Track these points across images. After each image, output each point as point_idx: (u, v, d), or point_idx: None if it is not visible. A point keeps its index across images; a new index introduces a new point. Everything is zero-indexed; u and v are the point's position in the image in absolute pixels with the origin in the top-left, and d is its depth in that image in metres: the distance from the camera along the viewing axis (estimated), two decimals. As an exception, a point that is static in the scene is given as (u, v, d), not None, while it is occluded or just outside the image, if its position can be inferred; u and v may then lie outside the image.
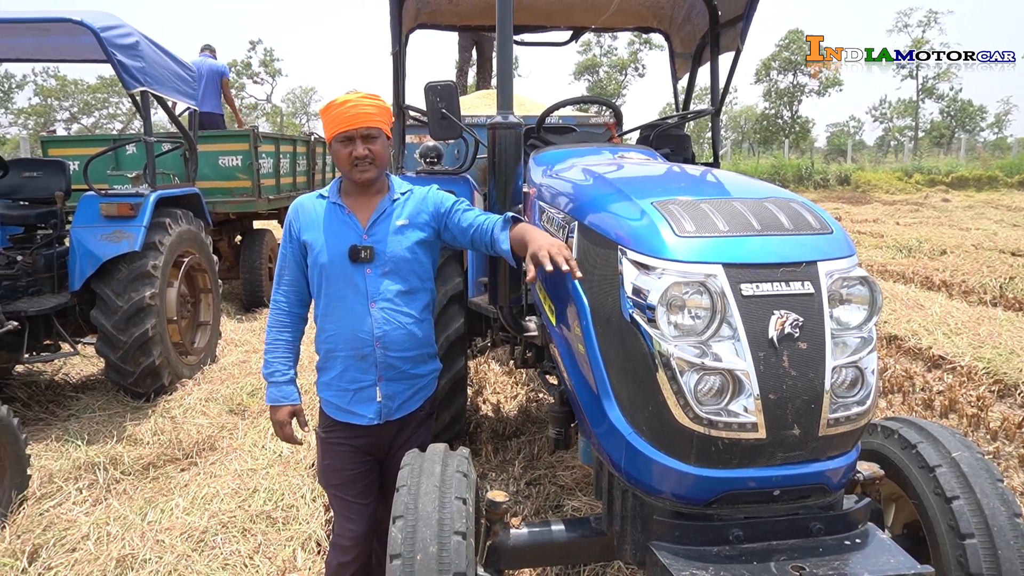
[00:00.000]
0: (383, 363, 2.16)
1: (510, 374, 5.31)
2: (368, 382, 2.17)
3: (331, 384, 2.21)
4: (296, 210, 2.22)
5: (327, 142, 2.17)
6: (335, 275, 2.13)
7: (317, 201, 2.22)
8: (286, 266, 2.22)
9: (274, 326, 2.23)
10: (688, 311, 1.61)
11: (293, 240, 2.20)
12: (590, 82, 40.54)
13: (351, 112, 2.08)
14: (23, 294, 4.69)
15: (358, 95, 2.11)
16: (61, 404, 4.92)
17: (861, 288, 1.67)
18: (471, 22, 4.49)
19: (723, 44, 3.84)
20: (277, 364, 2.20)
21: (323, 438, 2.27)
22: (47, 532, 3.16)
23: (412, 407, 2.27)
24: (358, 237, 2.14)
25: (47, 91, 37.41)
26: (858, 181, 23.08)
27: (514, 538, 2.02)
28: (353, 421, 2.20)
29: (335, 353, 2.18)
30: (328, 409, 2.25)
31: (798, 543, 1.66)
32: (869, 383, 1.66)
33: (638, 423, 1.73)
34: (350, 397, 2.19)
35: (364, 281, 2.13)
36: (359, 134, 2.09)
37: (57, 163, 5.29)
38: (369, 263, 2.12)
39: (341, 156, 2.12)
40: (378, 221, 2.17)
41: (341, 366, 2.17)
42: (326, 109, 2.12)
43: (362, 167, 2.11)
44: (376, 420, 2.19)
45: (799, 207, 1.81)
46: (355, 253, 2.11)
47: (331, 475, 2.26)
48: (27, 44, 5.13)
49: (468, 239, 2.24)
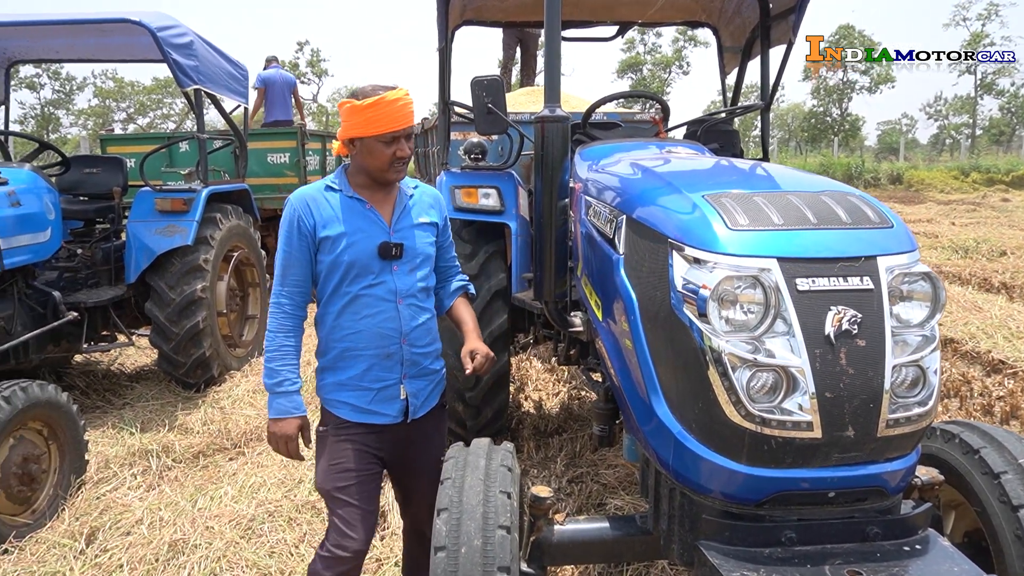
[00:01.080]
0: (408, 360, 2.10)
1: (552, 371, 5.29)
2: (392, 380, 2.10)
3: (348, 384, 2.09)
4: (305, 204, 2.05)
5: (355, 138, 2.00)
6: (363, 272, 2.03)
7: (327, 194, 2.08)
8: (292, 264, 2.05)
9: (278, 331, 2.06)
10: (741, 306, 1.58)
11: (304, 236, 2.03)
12: (633, 80, 40.18)
13: (405, 111, 1.98)
14: (82, 286, 4.86)
15: (404, 91, 2.01)
16: (117, 393, 5.09)
17: (923, 284, 1.61)
18: (517, 18, 4.48)
19: (774, 37, 3.75)
20: (285, 372, 2.05)
21: (331, 437, 2.11)
22: (103, 515, 3.26)
23: (432, 403, 2.21)
24: (386, 233, 2.07)
25: (105, 92, 38.78)
26: (911, 180, 22.37)
27: (558, 534, 2.00)
28: (374, 421, 2.10)
29: (356, 352, 2.07)
30: (341, 411, 2.10)
31: (854, 547, 1.61)
32: (931, 383, 1.60)
33: (687, 420, 1.70)
34: (372, 396, 2.09)
35: (392, 278, 2.06)
36: (405, 133, 2.01)
37: (115, 160, 5.46)
38: (398, 260, 2.07)
39: (383, 156, 1.99)
40: (401, 217, 2.11)
41: (364, 364, 2.07)
42: (368, 108, 1.94)
43: (399, 167, 2.04)
44: (399, 418, 2.11)
45: (857, 200, 1.75)
46: (386, 250, 2.04)
47: (338, 477, 2.08)
48: (88, 45, 5.32)
49: (435, 267, 2.25)
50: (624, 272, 1.99)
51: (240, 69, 5.84)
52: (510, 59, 8.84)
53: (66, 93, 38.50)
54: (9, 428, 3.06)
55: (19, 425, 3.15)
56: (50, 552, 2.98)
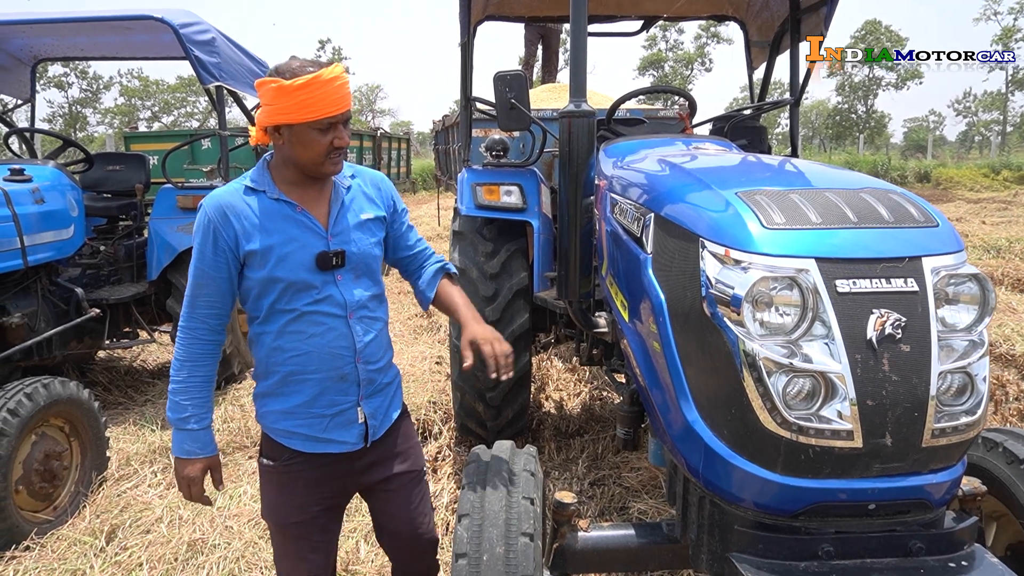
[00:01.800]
0: (364, 379, 1.81)
1: (573, 371, 5.23)
2: (348, 403, 1.80)
3: (296, 412, 1.78)
4: (222, 212, 1.69)
5: (282, 125, 1.66)
6: (301, 287, 1.72)
7: (248, 198, 1.73)
8: (205, 284, 1.72)
9: (187, 360, 1.74)
10: (777, 308, 1.51)
11: (222, 251, 1.69)
12: (655, 77, 39.91)
13: (342, 91, 1.66)
14: (105, 283, 4.89)
15: (341, 67, 1.68)
16: (138, 389, 5.11)
17: (971, 286, 1.53)
18: (540, 13, 4.42)
19: (804, 30, 3.65)
20: (191, 407, 1.73)
21: (277, 470, 1.83)
22: (124, 513, 3.26)
23: (392, 417, 1.92)
24: (323, 241, 1.74)
25: (131, 91, 39.33)
26: (939, 178, 21.94)
27: (582, 541, 1.95)
28: (329, 450, 1.80)
29: (303, 375, 1.76)
30: (291, 441, 1.80)
31: (895, 562, 1.53)
32: (980, 391, 1.52)
33: (719, 426, 1.63)
34: (326, 423, 1.79)
35: (338, 290, 1.75)
36: (343, 118, 1.70)
37: (138, 157, 5.49)
38: (340, 269, 1.75)
39: (317, 146, 1.67)
40: (339, 217, 1.78)
41: (314, 389, 1.76)
42: (300, 89, 1.60)
43: (335, 158, 1.72)
44: (359, 444, 1.83)
45: (899, 198, 1.67)
46: (325, 261, 1.72)
47: (288, 512, 1.83)
48: (112, 42, 5.34)
49: (397, 257, 1.99)
50: (652, 272, 1.93)
51: (262, 66, 5.83)
52: (532, 56, 8.77)
53: (93, 92, 39.10)
54: (31, 425, 3.06)
55: (41, 422, 3.16)
56: (71, 549, 2.98)
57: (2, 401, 2.96)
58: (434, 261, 2.04)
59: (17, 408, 2.97)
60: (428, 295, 1.99)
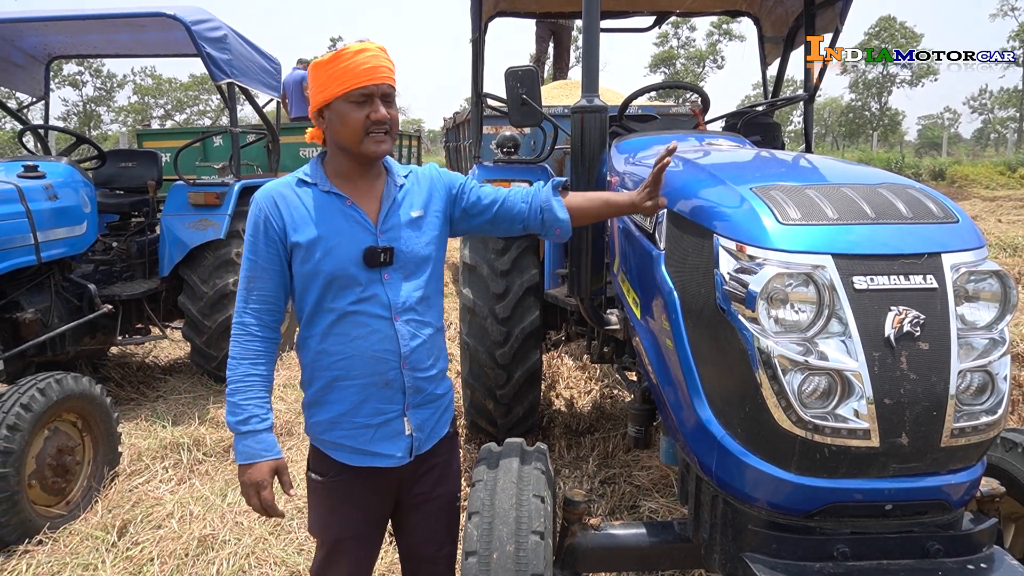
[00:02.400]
0: (411, 387, 1.72)
1: (584, 369, 5.21)
2: (394, 413, 1.72)
3: (341, 421, 1.71)
4: (273, 202, 1.67)
5: (321, 105, 1.66)
6: (347, 284, 1.66)
7: (300, 190, 1.70)
8: (257, 276, 1.68)
9: (244, 357, 1.68)
10: (792, 305, 1.48)
11: (272, 242, 1.66)
12: (666, 74, 39.75)
13: (371, 63, 1.61)
14: (117, 279, 4.91)
15: (376, 45, 1.66)
16: (150, 385, 5.14)
17: (992, 283, 1.50)
18: (551, 8, 4.40)
19: (819, 25, 3.61)
20: (252, 407, 1.66)
21: (324, 485, 1.78)
22: (135, 508, 3.27)
23: (439, 434, 1.83)
24: (372, 236, 1.68)
25: (144, 89, 39.61)
26: (954, 176, 21.70)
27: (592, 540, 1.93)
28: (376, 464, 1.72)
29: (346, 382, 1.69)
30: (337, 454, 1.74)
31: (913, 564, 1.50)
32: (1000, 390, 1.49)
33: (732, 424, 1.61)
34: (371, 434, 1.71)
35: (384, 290, 1.68)
36: (380, 92, 1.63)
37: (150, 154, 5.51)
38: (388, 267, 1.69)
39: (354, 121, 1.62)
40: (390, 214, 1.72)
41: (357, 397, 1.69)
42: (329, 62, 1.62)
43: (378, 136, 1.64)
44: (406, 458, 1.74)
45: (918, 194, 1.64)
46: (373, 256, 1.66)
47: (337, 529, 1.78)
48: (124, 40, 5.36)
49: (490, 217, 1.87)
50: (665, 268, 1.91)
51: (273, 63, 5.85)
52: (543, 52, 8.74)
53: (107, 90, 39.40)
54: (44, 420, 3.08)
55: (54, 417, 3.17)
56: (83, 544, 3.00)
57: (15, 396, 2.98)
58: (535, 191, 1.91)
59: (30, 403, 2.99)
60: (561, 215, 1.88)
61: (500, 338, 3.39)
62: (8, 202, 3.85)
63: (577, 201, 1.92)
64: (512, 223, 1.91)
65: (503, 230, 1.94)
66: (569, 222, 1.89)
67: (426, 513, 1.84)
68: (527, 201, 1.89)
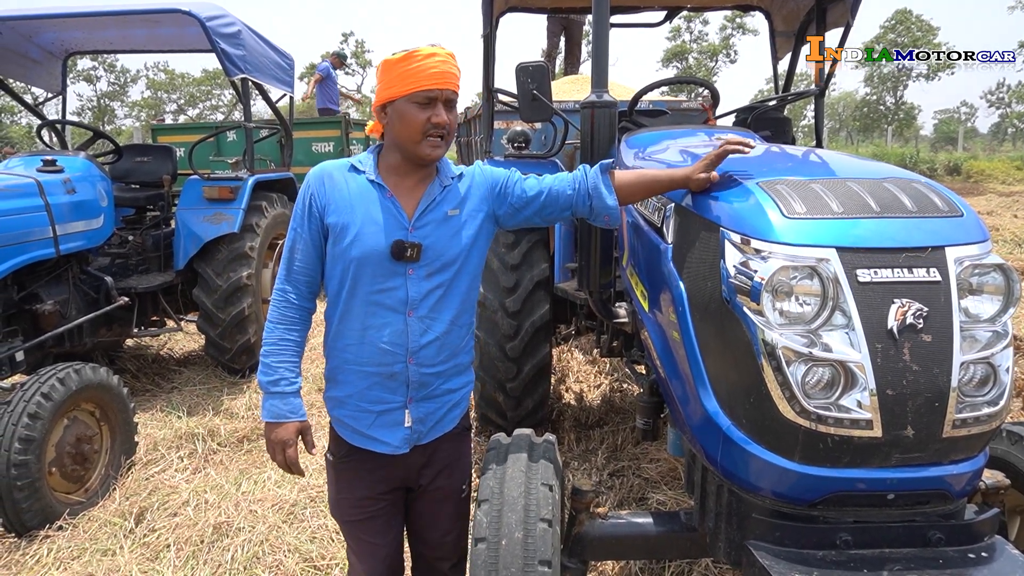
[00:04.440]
0: (416, 381, 1.76)
1: (593, 363, 5.24)
2: (396, 403, 1.77)
3: (346, 401, 1.79)
4: (321, 180, 1.75)
5: (386, 102, 1.71)
6: (370, 273, 1.70)
7: (349, 175, 1.76)
8: (299, 248, 1.76)
9: (279, 322, 1.76)
10: (796, 298, 1.51)
11: (314, 217, 1.74)
12: (679, 69, 39.51)
13: (440, 68, 1.65)
14: (133, 272, 4.99)
15: (446, 51, 1.70)
16: (165, 377, 5.22)
17: (995, 276, 1.52)
18: (562, 4, 4.41)
19: (830, 20, 3.61)
20: (283, 370, 1.75)
21: (335, 466, 1.88)
22: (152, 496, 3.34)
23: (446, 427, 1.86)
24: (403, 230, 1.71)
25: (157, 84, 39.82)
26: (970, 171, 21.48)
27: (600, 528, 1.96)
28: (374, 448, 1.79)
29: (355, 366, 1.76)
30: (342, 430, 1.83)
31: (914, 552, 1.52)
32: (1002, 382, 1.50)
33: (737, 415, 1.64)
34: (372, 420, 1.77)
35: (405, 284, 1.71)
36: (444, 96, 1.68)
37: (165, 149, 5.58)
38: (414, 263, 1.71)
39: (414, 122, 1.66)
40: (427, 211, 1.74)
41: (363, 383, 1.76)
42: (399, 61, 1.65)
43: (435, 140, 1.69)
44: (403, 448, 1.79)
45: (923, 188, 1.65)
46: (399, 250, 1.68)
47: (344, 510, 1.87)
48: (140, 36, 5.42)
49: (537, 208, 1.86)
50: (672, 262, 1.93)
51: (286, 59, 5.90)
52: (554, 47, 8.75)
53: (121, 85, 39.64)
54: (63, 409, 3.15)
55: (73, 406, 3.24)
56: (101, 530, 3.06)
57: (36, 385, 3.05)
58: (583, 176, 1.89)
59: (51, 392, 3.06)
60: (609, 202, 1.86)
61: (510, 331, 3.43)
62: (28, 196, 3.93)
63: (626, 180, 1.89)
64: (561, 210, 1.90)
65: (553, 218, 1.94)
66: (617, 208, 1.87)
67: (431, 500, 1.91)
68: (574, 187, 1.88)
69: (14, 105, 30.52)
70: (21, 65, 5.06)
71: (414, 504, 1.93)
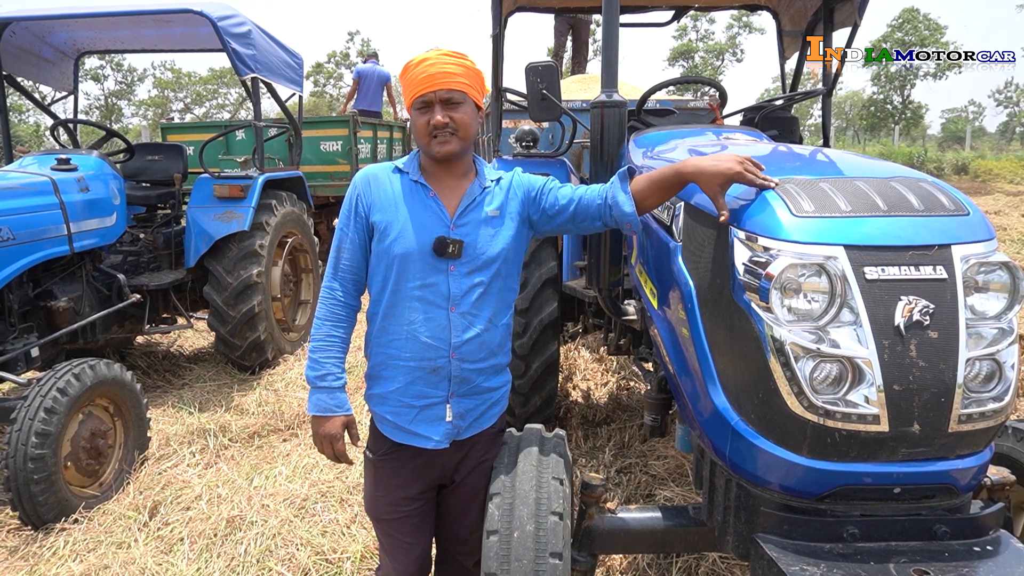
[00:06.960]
0: (458, 377, 1.81)
1: (600, 361, 5.26)
2: (438, 398, 1.82)
3: (389, 397, 1.84)
4: (367, 182, 1.84)
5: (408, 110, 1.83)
6: (412, 270, 1.76)
7: (393, 176, 1.85)
8: (345, 247, 1.84)
9: (327, 319, 1.83)
10: (805, 295, 1.53)
11: (359, 217, 1.82)
12: (685, 68, 39.44)
13: (429, 71, 1.73)
14: (145, 270, 5.04)
15: (438, 52, 1.77)
16: (176, 373, 5.27)
17: (1001, 274, 1.54)
18: (570, 3, 4.43)
19: (837, 20, 3.63)
20: (330, 365, 1.82)
21: (373, 462, 1.92)
22: (165, 490, 3.39)
23: (484, 425, 1.92)
24: (445, 228, 1.78)
25: (164, 83, 39.97)
26: (978, 170, 21.41)
27: (609, 522, 1.99)
28: (415, 443, 1.84)
29: (399, 362, 1.81)
30: (383, 427, 1.88)
31: (920, 545, 1.55)
32: (1008, 378, 1.53)
33: (745, 410, 1.66)
34: (414, 415, 1.82)
35: (447, 280, 1.77)
36: (438, 98, 1.74)
37: (176, 147, 5.63)
38: (455, 259, 1.77)
39: (419, 126, 1.78)
40: (468, 210, 1.82)
41: (406, 378, 1.81)
42: (402, 73, 1.79)
43: (441, 138, 1.75)
44: (444, 443, 1.84)
45: (930, 187, 1.68)
46: (442, 247, 1.75)
47: (380, 508, 1.92)
48: (151, 35, 5.48)
49: (569, 216, 1.89)
50: (682, 259, 1.96)
51: (296, 58, 5.94)
52: (561, 47, 8.78)
53: (128, 84, 39.80)
54: (79, 404, 3.19)
55: (88, 401, 3.29)
56: (116, 523, 3.11)
57: (52, 380, 3.10)
58: (605, 187, 1.90)
59: (66, 387, 3.10)
60: (627, 209, 1.84)
61: (519, 329, 3.45)
62: (43, 194, 3.98)
63: (639, 186, 1.87)
64: (592, 220, 1.91)
65: (585, 227, 1.95)
66: (635, 215, 1.86)
67: (462, 496, 1.96)
68: (603, 197, 1.88)
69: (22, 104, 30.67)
70: (34, 65, 5.12)
71: (445, 499, 1.98)
